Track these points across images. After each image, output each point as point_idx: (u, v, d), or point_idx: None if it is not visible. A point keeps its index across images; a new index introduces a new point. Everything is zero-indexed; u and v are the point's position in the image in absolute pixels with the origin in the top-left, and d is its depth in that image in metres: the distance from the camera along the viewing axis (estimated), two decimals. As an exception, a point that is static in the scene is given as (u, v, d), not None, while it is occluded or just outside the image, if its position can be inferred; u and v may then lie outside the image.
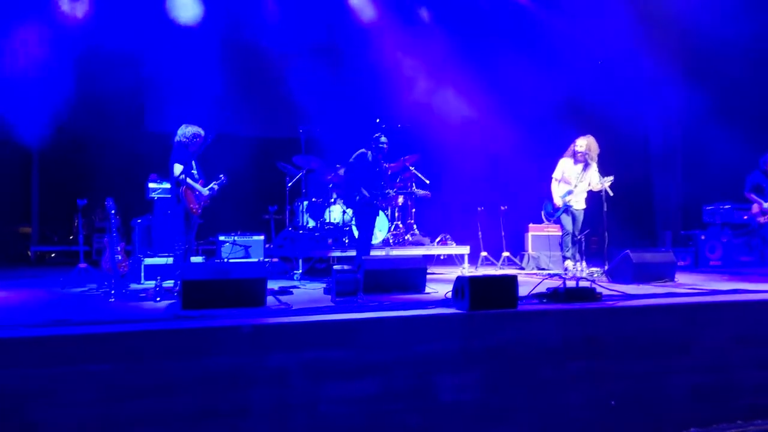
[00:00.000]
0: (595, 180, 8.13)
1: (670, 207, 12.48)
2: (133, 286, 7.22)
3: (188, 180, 6.58)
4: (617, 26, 11.29)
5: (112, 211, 6.75)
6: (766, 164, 8.64)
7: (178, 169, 6.52)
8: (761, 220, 8.53)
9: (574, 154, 8.29)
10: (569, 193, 8.26)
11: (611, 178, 7.96)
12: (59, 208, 11.48)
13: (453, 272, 8.79)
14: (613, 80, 11.57)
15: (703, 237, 9.76)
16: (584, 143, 8.22)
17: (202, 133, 6.76)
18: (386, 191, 8.42)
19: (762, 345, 5.23)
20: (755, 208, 8.62)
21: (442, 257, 10.24)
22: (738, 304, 5.46)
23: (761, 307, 5.43)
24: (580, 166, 8.29)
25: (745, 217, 9.85)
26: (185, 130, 6.70)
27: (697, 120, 11.23)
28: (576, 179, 8.26)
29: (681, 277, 7.41)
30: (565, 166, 8.36)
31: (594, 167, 8.22)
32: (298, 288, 6.97)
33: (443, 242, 9.86)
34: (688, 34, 11.65)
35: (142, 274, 7.72)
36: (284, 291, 6.25)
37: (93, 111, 10.76)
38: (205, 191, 6.76)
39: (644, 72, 12.03)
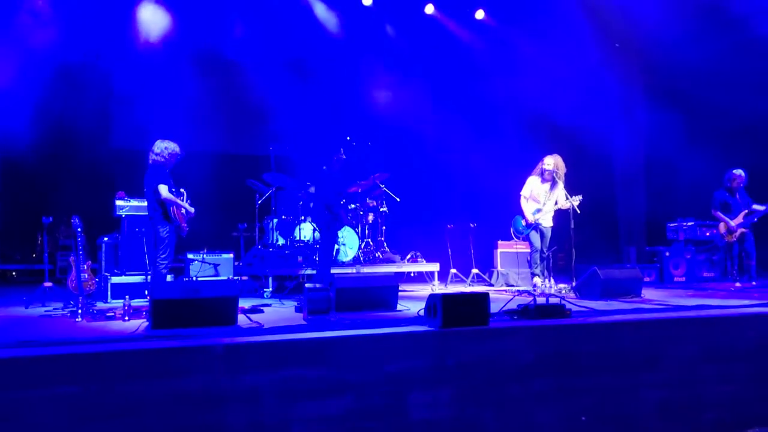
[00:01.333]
0: (563, 198, 8.25)
1: (634, 223, 12.70)
2: (100, 305, 7.09)
3: (172, 197, 6.51)
4: (583, 46, 11.53)
5: (78, 229, 6.63)
6: (729, 181, 8.84)
7: (164, 189, 6.44)
8: (728, 239, 8.70)
9: (542, 173, 8.43)
10: (538, 211, 8.38)
11: (580, 197, 8.09)
12: (21, 225, 11.23)
13: (423, 289, 8.83)
14: (579, 99, 11.78)
15: (667, 253, 9.95)
16: (552, 162, 8.36)
17: (177, 149, 6.70)
18: (349, 205, 8.47)
19: (727, 360, 5.34)
20: (722, 227, 8.80)
21: (412, 274, 10.27)
22: (703, 319, 5.56)
23: (726, 322, 5.55)
24: (548, 184, 8.43)
25: (708, 234, 10.08)
26: (162, 147, 6.61)
27: (660, 137, 11.49)
28: (544, 197, 8.40)
29: (647, 293, 7.54)
30: (533, 185, 8.49)
31: (561, 186, 8.35)
32: (269, 306, 6.92)
33: (413, 259, 9.90)
34: (651, 53, 11.96)
35: (109, 292, 7.59)
36: (255, 310, 6.20)
37: (56, 126, 10.59)
38: (191, 209, 6.71)
39: (609, 91, 12.28)
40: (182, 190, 6.79)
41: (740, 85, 10.50)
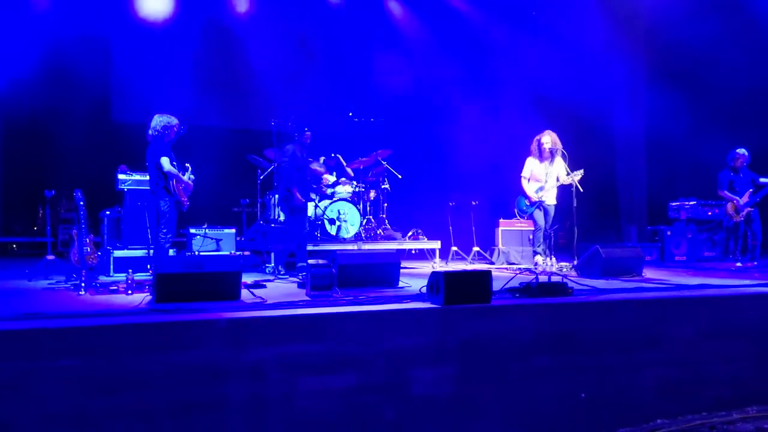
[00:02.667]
0: (563, 174, 8.24)
1: (636, 202, 12.70)
2: (102, 278, 7.12)
3: (175, 171, 6.62)
4: (587, 24, 11.44)
5: (81, 203, 6.63)
6: (733, 161, 8.83)
7: (166, 162, 6.56)
8: (736, 218, 8.71)
9: (540, 152, 8.41)
10: (541, 189, 8.37)
11: (581, 171, 8.07)
12: (23, 198, 11.23)
13: (425, 266, 8.85)
14: (581, 77, 11.72)
15: (669, 233, 9.96)
16: (549, 139, 8.36)
17: (175, 121, 6.77)
18: (313, 186, 8.44)
19: (726, 339, 5.37)
20: (730, 207, 8.80)
21: (413, 251, 10.29)
22: (704, 299, 5.59)
23: (726, 302, 5.58)
24: (546, 162, 8.41)
25: (710, 213, 10.07)
26: (158, 121, 6.71)
27: (662, 116, 11.46)
28: (544, 176, 8.38)
29: (648, 272, 7.56)
30: (532, 165, 8.49)
31: (559, 161, 8.33)
32: (272, 281, 6.94)
33: (415, 237, 9.90)
34: (654, 32, 11.87)
35: (111, 266, 7.61)
36: (258, 285, 6.22)
37: (58, 100, 10.57)
38: (191, 180, 6.81)
39: (612, 69, 12.20)
40: (187, 164, 6.87)
41: (742, 64, 10.46)
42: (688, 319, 5.33)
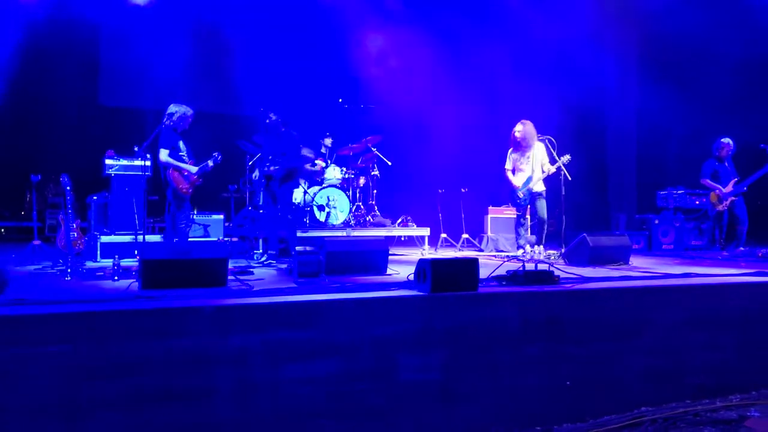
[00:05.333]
0: (547, 162, 8.25)
1: (625, 191, 12.77)
2: (89, 264, 7.08)
3: (173, 161, 6.90)
4: (578, 12, 11.44)
5: (68, 188, 6.60)
6: (718, 150, 8.88)
7: (163, 153, 6.86)
8: (720, 207, 8.76)
9: (515, 143, 8.43)
10: (529, 180, 8.38)
11: (567, 156, 8.08)
12: (9, 182, 11.14)
13: (413, 253, 8.87)
14: (572, 67, 11.72)
15: (656, 221, 10.01)
16: (520, 128, 8.40)
17: (189, 112, 7.06)
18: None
19: (710, 327, 5.42)
20: (713, 196, 8.85)
21: (403, 238, 10.30)
22: (689, 288, 5.62)
23: (710, 290, 5.61)
24: (527, 152, 8.40)
25: (697, 203, 10.14)
26: (172, 110, 6.98)
27: (652, 106, 11.49)
28: (526, 165, 8.39)
29: (635, 261, 7.61)
30: (513, 157, 8.51)
31: (539, 149, 8.33)
32: (259, 268, 6.94)
33: (404, 224, 9.92)
34: (645, 22, 11.89)
35: (98, 252, 7.58)
36: (245, 271, 6.21)
37: (45, 83, 10.46)
38: (194, 169, 7.02)
39: (602, 60, 12.21)
40: (215, 153, 7.23)
41: (732, 54, 10.49)
42: (672, 307, 5.37)
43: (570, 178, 8.11)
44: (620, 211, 12.26)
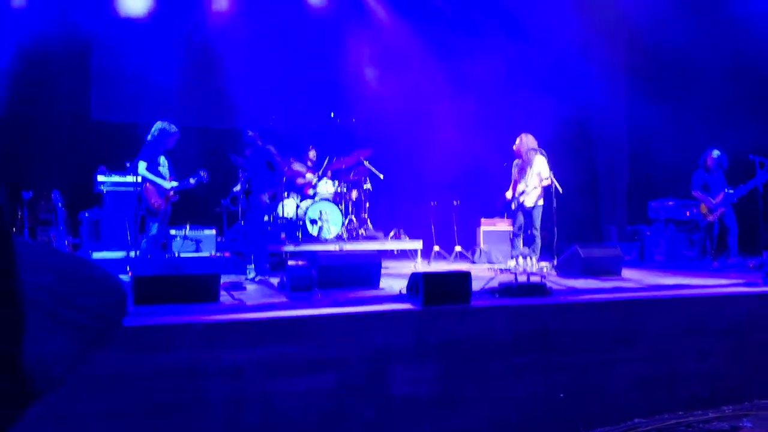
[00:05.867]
0: (546, 173, 8.31)
1: (616, 202, 12.82)
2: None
3: (149, 175, 6.83)
4: (568, 24, 11.55)
5: (59, 204, 6.60)
6: (707, 161, 8.94)
7: (141, 166, 6.85)
8: (710, 218, 8.81)
9: (517, 155, 8.54)
10: (522, 192, 8.45)
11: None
12: (0, 199, 11.08)
13: (406, 266, 8.86)
14: (563, 78, 11.81)
15: (648, 233, 10.05)
16: (517, 141, 8.50)
17: (172, 129, 7.02)
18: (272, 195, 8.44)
19: (702, 338, 5.44)
20: (703, 207, 8.91)
21: (395, 251, 10.30)
22: (680, 299, 5.65)
23: (701, 302, 5.64)
24: (527, 164, 8.48)
25: (688, 214, 10.17)
26: (157, 129, 6.98)
27: (643, 117, 11.57)
28: (525, 177, 8.46)
29: (627, 272, 7.62)
30: (515, 168, 8.60)
31: (539, 161, 8.39)
32: (252, 283, 6.92)
33: (397, 237, 9.91)
34: (634, 33, 12.01)
35: (90, 268, 7.55)
36: (237, 286, 6.20)
37: (37, 98, 10.43)
38: (168, 185, 6.96)
39: (592, 70, 12.30)
40: (202, 171, 7.22)
41: (721, 66, 10.60)
42: (664, 318, 5.39)
43: (561, 191, 8.15)
44: (612, 223, 12.29)
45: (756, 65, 10.30)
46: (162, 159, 7.06)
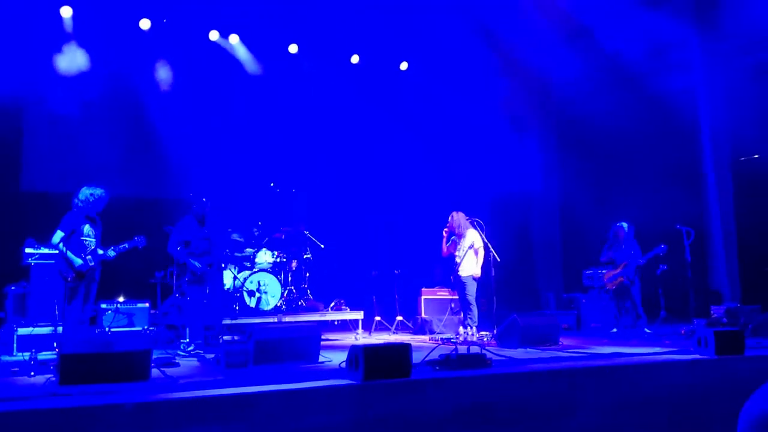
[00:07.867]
0: (478, 243, 8.43)
1: (552, 270, 13.08)
2: (5, 358, 6.69)
3: (62, 247, 6.58)
4: (500, 93, 12.04)
5: (-18, 278, 6.29)
6: (614, 234, 9.28)
7: (56, 236, 6.61)
8: (610, 286, 9.15)
9: (450, 230, 8.70)
10: (457, 264, 8.56)
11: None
12: None
13: (347, 338, 8.75)
14: (498, 149, 12.18)
15: (584, 300, 10.24)
16: (449, 219, 8.70)
17: (98, 192, 6.80)
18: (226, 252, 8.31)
19: (640, 407, 5.49)
20: (605, 276, 9.29)
21: (336, 322, 10.16)
22: (618, 367, 5.72)
23: (638, 370, 5.73)
24: (458, 237, 8.65)
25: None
26: (83, 194, 6.78)
27: (574, 186, 12.01)
28: (460, 251, 8.60)
29: (565, 340, 7.73)
30: (449, 243, 8.78)
31: (470, 233, 8.55)
32: (186, 358, 6.69)
33: (337, 307, 9.80)
34: (564, 108, 12.58)
35: (15, 345, 7.17)
36: (170, 363, 5.97)
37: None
38: (78, 261, 6.64)
39: (526, 142, 12.75)
40: (137, 237, 7.00)
41: (644, 138, 11.17)
42: (602, 387, 5.43)
43: (499, 260, 8.28)
44: (550, 290, 12.50)
45: (677, 140, 10.91)
46: (87, 228, 6.74)
